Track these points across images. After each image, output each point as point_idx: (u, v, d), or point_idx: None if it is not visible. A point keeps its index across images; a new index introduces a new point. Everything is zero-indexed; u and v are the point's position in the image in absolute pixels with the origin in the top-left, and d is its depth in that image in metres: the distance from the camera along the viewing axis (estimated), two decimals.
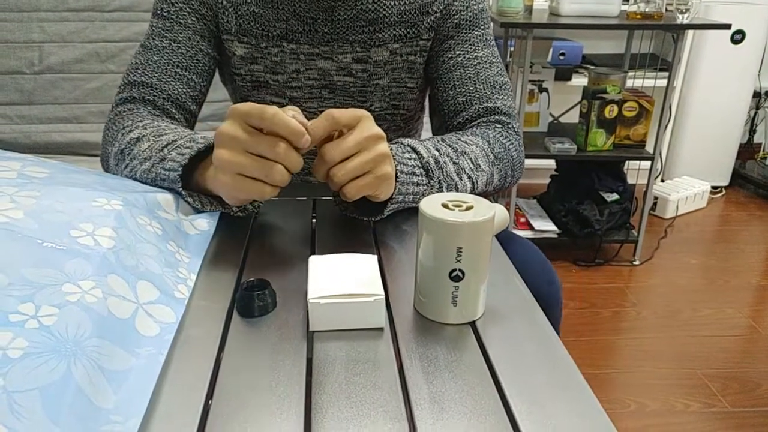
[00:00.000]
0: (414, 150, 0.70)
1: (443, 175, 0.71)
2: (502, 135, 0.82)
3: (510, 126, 0.85)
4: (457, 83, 0.86)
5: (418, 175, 0.69)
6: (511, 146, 0.83)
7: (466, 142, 0.77)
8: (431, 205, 0.52)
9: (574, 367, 0.48)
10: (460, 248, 0.50)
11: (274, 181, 0.59)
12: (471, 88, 0.86)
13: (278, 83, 0.88)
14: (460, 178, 0.73)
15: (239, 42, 0.85)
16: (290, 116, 0.57)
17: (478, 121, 0.85)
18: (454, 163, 0.73)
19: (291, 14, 0.84)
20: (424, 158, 0.70)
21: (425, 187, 0.70)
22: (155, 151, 0.69)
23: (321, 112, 0.90)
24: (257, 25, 0.84)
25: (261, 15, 0.84)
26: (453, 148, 0.74)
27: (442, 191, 0.71)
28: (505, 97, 0.87)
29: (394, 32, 0.86)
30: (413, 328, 0.53)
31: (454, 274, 0.51)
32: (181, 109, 0.84)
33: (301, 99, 0.89)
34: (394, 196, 0.67)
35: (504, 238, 0.91)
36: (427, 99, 1.05)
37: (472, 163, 0.75)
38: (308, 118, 0.90)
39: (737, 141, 2.82)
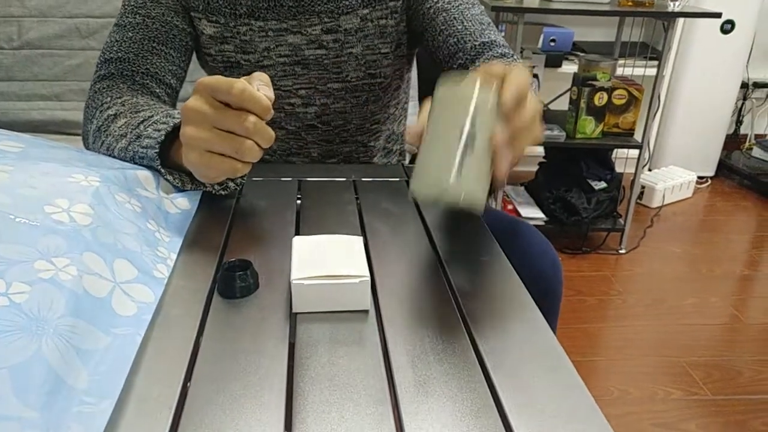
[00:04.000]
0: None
1: None
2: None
3: (515, 58, 0.82)
4: (443, 27, 0.83)
5: None
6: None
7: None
8: (450, 78, 0.49)
9: (561, 352, 0.47)
10: (476, 110, 0.47)
11: (245, 158, 0.57)
12: (459, 27, 0.83)
13: (250, 63, 0.86)
14: None
15: (208, 21, 0.84)
16: (257, 87, 0.55)
17: (482, 59, 0.82)
18: None
19: None
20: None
21: None
22: (131, 127, 0.67)
23: (296, 89, 0.89)
24: (225, 4, 0.83)
25: None
26: None
27: None
28: (497, 33, 0.84)
29: None
30: (399, 311, 0.52)
31: (465, 137, 0.47)
32: (161, 83, 0.82)
33: (274, 77, 0.87)
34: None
35: (509, 223, 0.90)
36: (413, 71, 1.02)
37: None
38: (283, 97, 0.89)
39: (724, 131, 2.83)
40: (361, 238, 0.55)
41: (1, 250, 0.43)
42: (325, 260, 0.51)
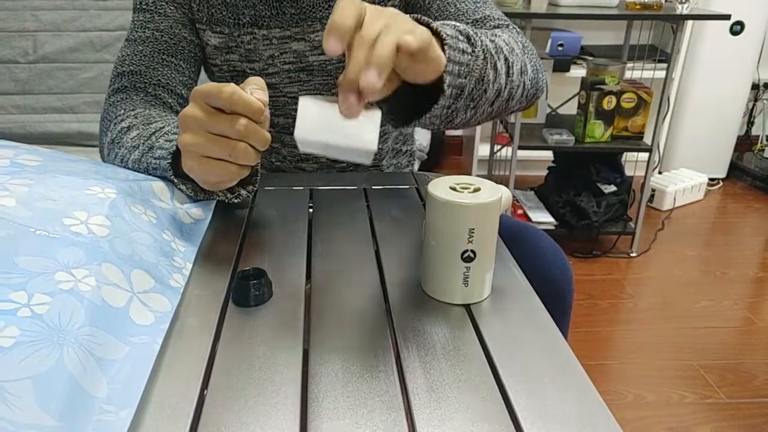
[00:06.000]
0: (447, 24, 0.60)
1: (483, 45, 0.62)
2: (511, 34, 0.76)
3: (512, 27, 0.79)
4: (437, 15, 0.83)
5: (462, 41, 0.59)
6: (526, 41, 0.77)
7: (493, 33, 0.69)
8: (440, 188, 0.52)
9: (572, 357, 0.47)
10: (472, 229, 0.50)
11: (240, 160, 0.57)
12: (452, 10, 0.81)
13: (255, 71, 0.87)
14: (498, 58, 0.64)
15: (212, 32, 0.85)
16: (250, 91, 0.56)
17: None
18: (491, 40, 0.64)
19: (257, 0, 0.83)
20: (460, 27, 0.60)
21: (470, 57, 0.59)
22: (143, 139, 0.68)
23: (301, 96, 0.89)
24: (228, 14, 0.84)
25: (230, 3, 0.84)
26: (484, 33, 0.66)
27: (486, 64, 0.61)
28: (493, 8, 0.82)
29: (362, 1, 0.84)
30: (411, 316, 0.52)
31: (465, 255, 0.51)
32: (173, 94, 0.84)
33: (279, 85, 0.88)
34: (447, 53, 0.55)
35: (518, 228, 0.90)
36: None
37: (507, 45, 0.68)
38: (290, 104, 0.90)
39: (735, 133, 2.81)
40: (379, 111, 0.50)
41: (23, 262, 0.44)
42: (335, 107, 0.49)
